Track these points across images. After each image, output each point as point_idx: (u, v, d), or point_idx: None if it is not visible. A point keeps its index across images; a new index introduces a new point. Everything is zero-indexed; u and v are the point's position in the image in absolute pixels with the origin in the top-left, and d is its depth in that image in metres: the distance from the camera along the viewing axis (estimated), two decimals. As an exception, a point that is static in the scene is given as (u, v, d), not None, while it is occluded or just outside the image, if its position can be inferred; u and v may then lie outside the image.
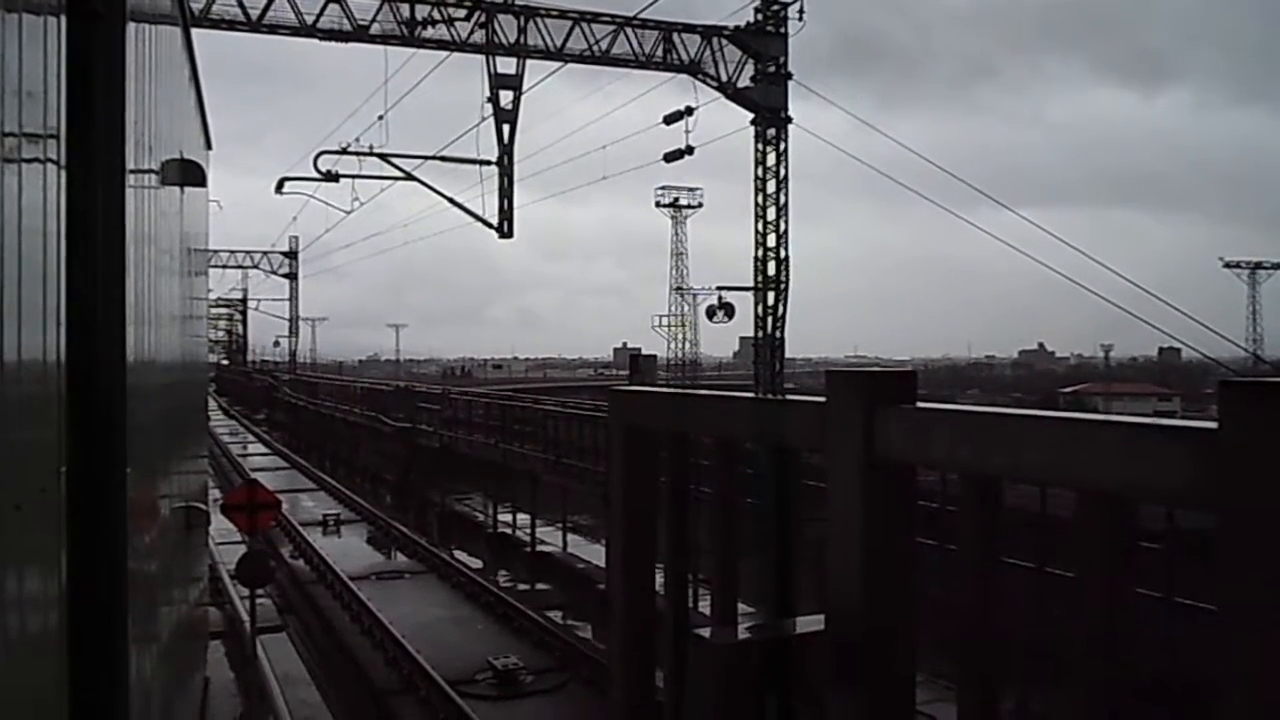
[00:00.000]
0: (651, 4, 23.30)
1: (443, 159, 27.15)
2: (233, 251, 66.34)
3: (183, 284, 7.71)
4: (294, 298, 71.81)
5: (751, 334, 26.52)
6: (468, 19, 23.62)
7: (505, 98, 24.95)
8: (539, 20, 24.16)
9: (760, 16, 24.67)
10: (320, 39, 22.83)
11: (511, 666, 14.11)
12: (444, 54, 24.09)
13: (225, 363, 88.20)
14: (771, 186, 24.80)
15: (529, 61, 24.71)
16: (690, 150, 25.23)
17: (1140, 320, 16.11)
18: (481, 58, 24.44)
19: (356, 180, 28.84)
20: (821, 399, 2.41)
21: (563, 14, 24.33)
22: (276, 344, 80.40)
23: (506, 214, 26.12)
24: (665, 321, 66.06)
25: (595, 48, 24.52)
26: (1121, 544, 1.82)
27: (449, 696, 12.76)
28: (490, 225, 26.09)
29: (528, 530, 23.59)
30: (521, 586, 20.75)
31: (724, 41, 24.99)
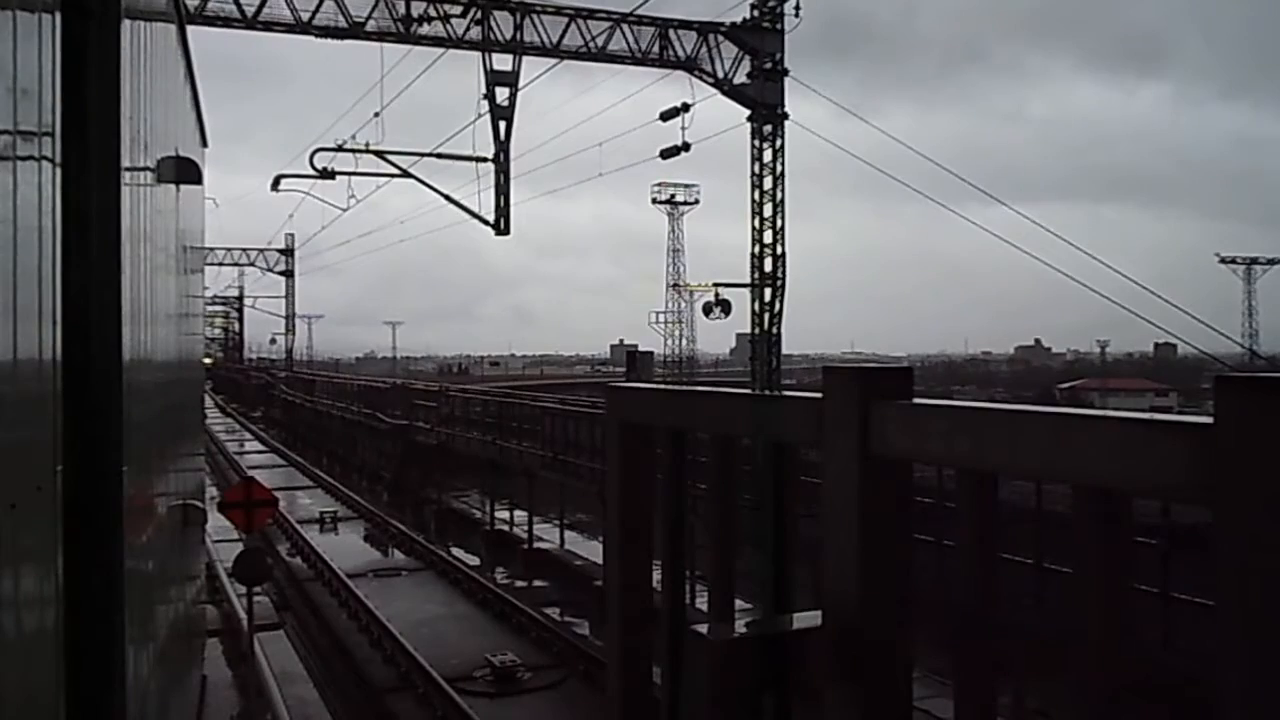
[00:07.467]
0: (647, 0, 23.28)
1: (439, 156, 27.10)
2: (229, 249, 66.14)
3: (179, 281, 7.70)
4: (290, 295, 71.71)
5: (748, 330, 26.51)
6: (463, 15, 23.57)
7: (501, 94, 24.90)
8: (535, 17, 24.11)
9: (756, 13, 24.65)
10: (316, 36, 22.77)
11: (509, 663, 14.11)
12: (440, 51, 24.05)
13: (209, 361, 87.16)
14: (768, 183, 24.77)
15: (525, 58, 24.68)
16: (687, 147, 25.18)
17: (1136, 316, 16.09)
18: (477, 54, 24.41)
19: (352, 177, 28.81)
20: (818, 395, 2.41)
21: (559, 10, 24.28)
22: (273, 341, 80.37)
23: (503, 211, 26.08)
24: (662, 318, 66.04)
25: (591, 44, 24.47)
26: (1118, 538, 1.82)
27: (447, 694, 12.76)
28: (486, 222, 26.05)
29: (525, 527, 23.60)
30: (519, 583, 20.76)
31: (720, 38, 24.95)
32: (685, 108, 24.74)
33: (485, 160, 25.76)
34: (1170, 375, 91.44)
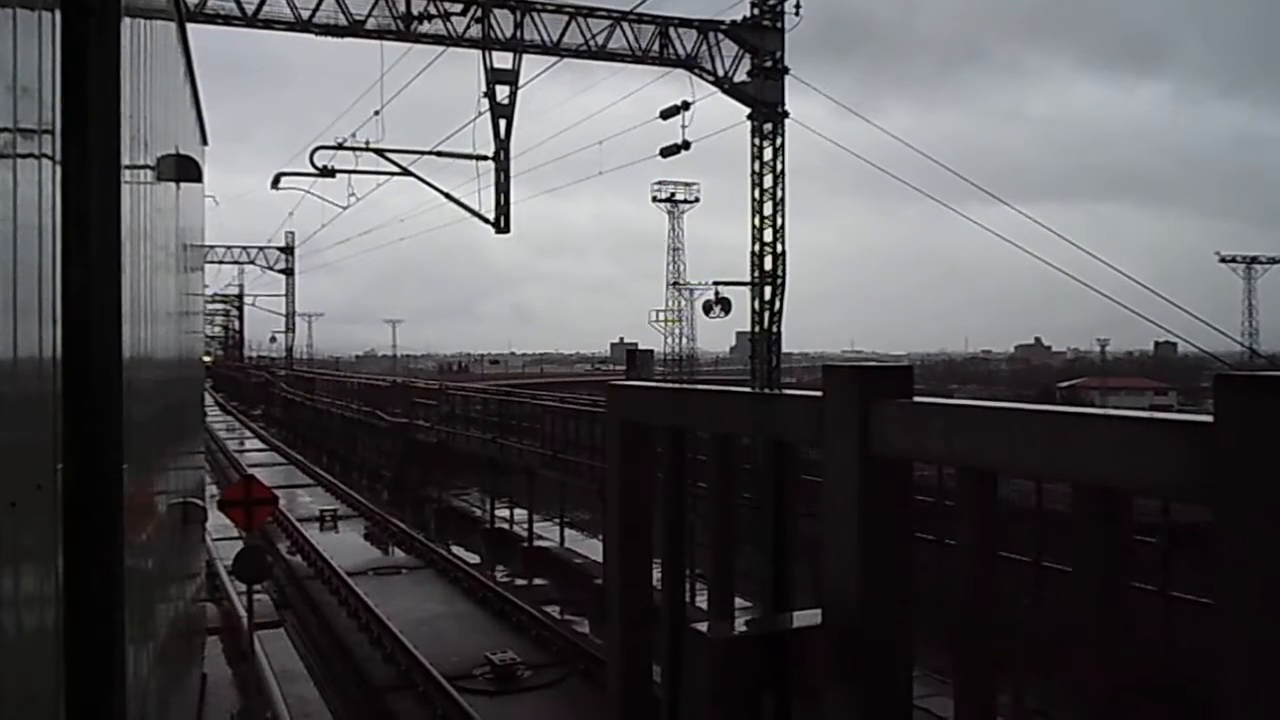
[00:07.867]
0: (647, -2, 23.25)
1: (439, 154, 27.07)
2: (229, 247, 66.08)
3: (179, 280, 7.70)
4: (290, 293, 71.68)
5: (748, 329, 26.48)
6: (464, 14, 23.55)
7: (502, 93, 24.89)
8: (535, 15, 24.10)
9: (756, 11, 24.64)
10: (316, 34, 22.75)
11: (509, 662, 14.12)
12: (440, 49, 24.03)
13: (209, 359, 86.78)
14: (768, 181, 24.75)
15: (525, 56, 24.67)
16: (687, 145, 25.15)
17: (1136, 315, 16.07)
18: (477, 52, 24.40)
19: (352, 175, 28.78)
20: (818, 394, 2.41)
21: (559, 8, 24.27)
22: (273, 339, 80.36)
23: (503, 209, 26.07)
24: (662, 316, 65.98)
25: (591, 42, 24.47)
26: (1117, 537, 1.82)
27: (447, 692, 12.77)
28: (486, 220, 26.04)
29: (525, 525, 23.60)
30: (519, 582, 20.76)
31: (720, 36, 24.94)
32: (685, 106, 24.71)
33: (485, 158, 25.74)
34: (1170, 374, 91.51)
